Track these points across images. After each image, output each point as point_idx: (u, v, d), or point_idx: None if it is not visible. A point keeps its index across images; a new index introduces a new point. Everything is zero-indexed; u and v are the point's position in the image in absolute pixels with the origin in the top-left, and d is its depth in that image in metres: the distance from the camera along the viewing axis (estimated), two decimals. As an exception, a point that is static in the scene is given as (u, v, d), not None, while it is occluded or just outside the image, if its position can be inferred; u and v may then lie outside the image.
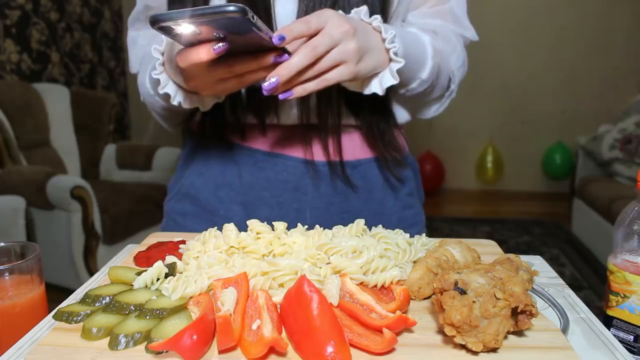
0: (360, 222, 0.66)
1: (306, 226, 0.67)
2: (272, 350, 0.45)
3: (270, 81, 0.59)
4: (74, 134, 3.17)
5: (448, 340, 0.47)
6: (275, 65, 0.60)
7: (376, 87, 0.69)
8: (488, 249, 0.70)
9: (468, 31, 0.82)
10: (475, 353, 0.45)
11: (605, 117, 3.68)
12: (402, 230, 0.67)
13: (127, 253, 0.72)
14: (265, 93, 0.61)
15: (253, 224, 0.65)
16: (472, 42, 0.85)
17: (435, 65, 0.75)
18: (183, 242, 0.69)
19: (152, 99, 0.79)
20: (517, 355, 0.46)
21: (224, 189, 0.84)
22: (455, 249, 0.61)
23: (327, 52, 0.61)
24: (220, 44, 0.56)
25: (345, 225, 0.67)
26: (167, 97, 0.72)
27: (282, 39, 0.57)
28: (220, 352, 0.46)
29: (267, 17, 0.72)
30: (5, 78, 3.03)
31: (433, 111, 0.86)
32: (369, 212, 0.84)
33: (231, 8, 0.50)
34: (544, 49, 4.18)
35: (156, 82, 0.71)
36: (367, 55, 0.64)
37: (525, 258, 0.69)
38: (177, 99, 0.71)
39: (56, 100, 3.08)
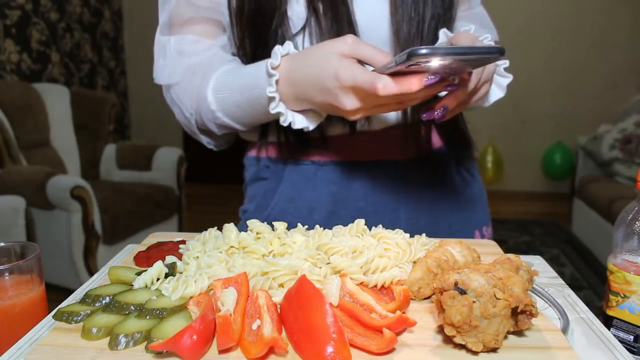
0: (360, 222, 0.66)
1: (306, 226, 0.67)
2: (272, 350, 0.45)
3: (440, 110, 0.62)
4: (74, 134, 3.17)
5: (448, 340, 0.47)
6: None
7: (483, 100, 0.72)
8: (488, 249, 0.70)
9: (493, 32, 0.87)
10: (475, 353, 0.45)
11: (605, 117, 3.68)
12: (402, 230, 0.67)
13: (127, 253, 0.72)
14: (425, 118, 0.63)
15: (253, 224, 0.65)
16: None
17: None
18: (183, 242, 0.69)
19: (210, 115, 0.74)
20: (517, 355, 0.46)
21: (319, 210, 0.80)
22: (455, 249, 0.61)
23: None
24: (432, 76, 0.55)
25: (437, 217, 0.66)
26: (275, 115, 0.67)
27: (470, 72, 0.60)
28: (220, 352, 0.46)
29: (350, 23, 0.71)
30: (5, 78, 3.03)
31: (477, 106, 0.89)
32: (448, 198, 0.86)
33: (495, 50, 0.52)
34: (544, 48, 4.18)
35: (265, 99, 0.66)
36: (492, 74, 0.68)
37: (525, 258, 0.69)
38: (289, 118, 0.67)
39: (56, 100, 3.08)
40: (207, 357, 0.45)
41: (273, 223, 0.66)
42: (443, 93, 0.63)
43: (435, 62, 0.52)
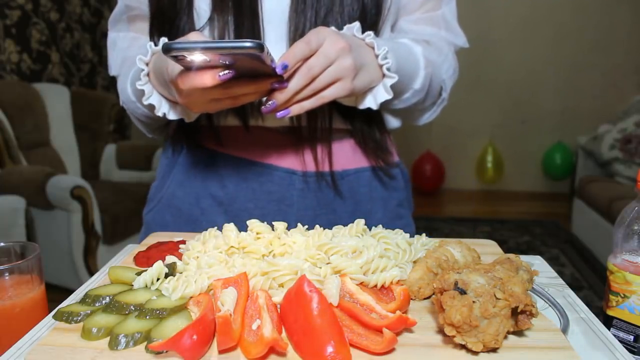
0: (360, 222, 0.66)
1: (306, 226, 0.67)
2: (272, 350, 0.45)
3: (269, 104, 0.62)
4: (74, 134, 3.17)
5: (448, 340, 0.47)
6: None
7: (370, 102, 0.70)
8: (488, 249, 0.70)
9: (459, 38, 0.83)
10: (475, 353, 0.45)
11: (606, 117, 3.68)
12: (401, 230, 0.67)
13: (127, 253, 0.72)
14: (263, 113, 0.63)
15: (253, 224, 0.65)
16: (473, 42, 0.85)
17: (427, 76, 0.75)
18: (183, 242, 0.69)
19: (133, 105, 0.78)
20: (517, 355, 0.45)
21: (206, 199, 0.81)
22: (455, 249, 0.61)
23: (323, 71, 0.61)
24: (226, 71, 0.56)
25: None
26: (151, 107, 0.71)
27: (284, 67, 0.58)
28: (220, 352, 0.46)
29: (254, 16, 0.71)
30: (5, 78, 3.03)
31: (425, 118, 0.86)
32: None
33: (249, 44, 0.51)
34: (545, 47, 4.18)
35: (140, 92, 0.70)
36: (362, 72, 0.65)
37: (525, 258, 0.69)
38: (162, 109, 0.70)
39: (56, 100, 3.08)
40: (207, 357, 0.45)
41: (273, 223, 0.66)
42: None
43: (198, 57, 0.53)
